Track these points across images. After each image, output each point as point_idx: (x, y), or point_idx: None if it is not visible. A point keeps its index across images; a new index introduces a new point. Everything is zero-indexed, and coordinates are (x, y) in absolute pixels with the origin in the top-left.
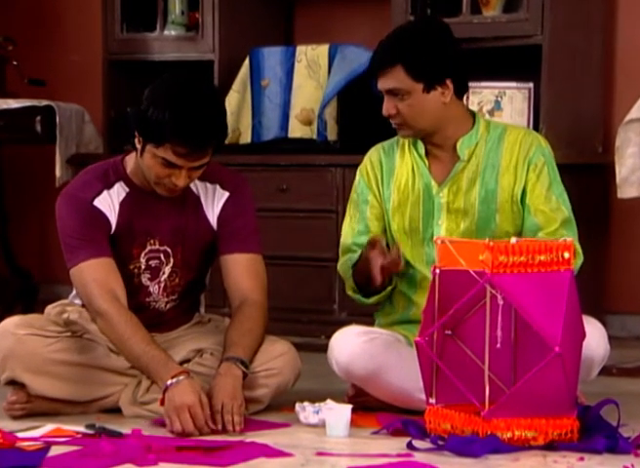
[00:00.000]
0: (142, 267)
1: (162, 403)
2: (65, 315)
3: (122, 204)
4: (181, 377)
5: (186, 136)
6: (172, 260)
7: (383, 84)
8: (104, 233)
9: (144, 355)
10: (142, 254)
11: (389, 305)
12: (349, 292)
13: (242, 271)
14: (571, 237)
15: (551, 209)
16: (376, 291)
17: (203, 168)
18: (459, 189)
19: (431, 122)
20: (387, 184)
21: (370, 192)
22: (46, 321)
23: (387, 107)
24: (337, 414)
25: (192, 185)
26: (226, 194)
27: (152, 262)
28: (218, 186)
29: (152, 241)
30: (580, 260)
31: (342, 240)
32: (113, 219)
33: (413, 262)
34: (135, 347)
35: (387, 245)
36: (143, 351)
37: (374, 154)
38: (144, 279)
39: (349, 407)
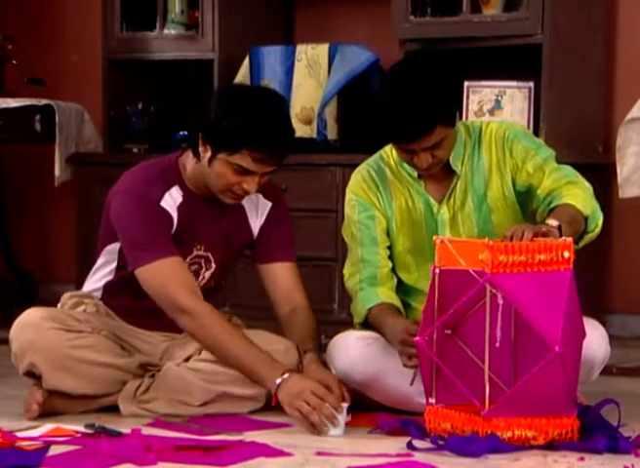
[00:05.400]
0: None
1: (275, 402)
2: (82, 307)
3: (179, 208)
4: (294, 374)
5: (265, 141)
6: (213, 266)
7: (424, 144)
8: (170, 234)
9: (247, 355)
10: (188, 259)
11: None
12: (356, 320)
13: (291, 279)
14: (565, 171)
15: (534, 167)
16: None
17: (273, 173)
18: (455, 203)
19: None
20: (389, 203)
21: (374, 208)
22: (67, 316)
23: (426, 160)
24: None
25: None
26: (269, 204)
27: (194, 267)
28: (260, 196)
29: (199, 246)
30: (598, 216)
31: (352, 259)
32: (175, 222)
33: (416, 284)
34: (235, 348)
35: None
36: (246, 351)
37: (363, 173)
38: None
39: (345, 405)
